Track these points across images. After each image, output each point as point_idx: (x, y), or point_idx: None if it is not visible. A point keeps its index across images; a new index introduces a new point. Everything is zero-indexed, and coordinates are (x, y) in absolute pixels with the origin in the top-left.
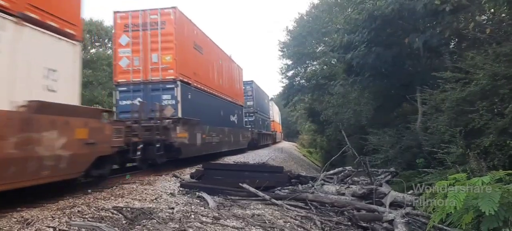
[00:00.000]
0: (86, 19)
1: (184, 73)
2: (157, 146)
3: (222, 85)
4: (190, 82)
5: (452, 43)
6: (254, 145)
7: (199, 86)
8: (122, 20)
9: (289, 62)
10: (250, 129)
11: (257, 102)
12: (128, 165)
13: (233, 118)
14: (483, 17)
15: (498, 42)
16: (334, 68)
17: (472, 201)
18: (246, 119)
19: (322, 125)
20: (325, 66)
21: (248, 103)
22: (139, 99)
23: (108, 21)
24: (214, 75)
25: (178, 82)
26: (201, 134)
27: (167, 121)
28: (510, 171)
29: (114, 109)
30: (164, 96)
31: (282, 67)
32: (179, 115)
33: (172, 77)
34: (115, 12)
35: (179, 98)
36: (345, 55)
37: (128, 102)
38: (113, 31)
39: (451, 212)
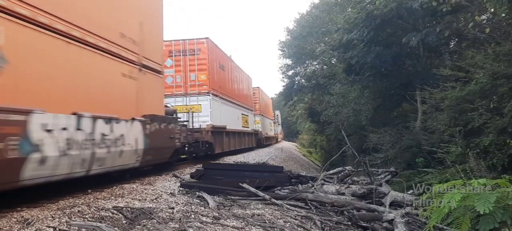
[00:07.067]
0: None
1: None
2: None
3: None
4: (217, 94)
5: (452, 43)
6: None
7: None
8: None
9: (289, 62)
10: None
11: None
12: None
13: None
14: (483, 17)
15: (498, 42)
16: (334, 68)
17: (470, 204)
18: None
19: (322, 125)
20: (325, 66)
21: None
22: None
23: None
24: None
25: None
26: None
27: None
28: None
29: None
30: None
31: (282, 66)
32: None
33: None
34: None
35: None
36: (345, 54)
37: None
38: None
39: (450, 212)
